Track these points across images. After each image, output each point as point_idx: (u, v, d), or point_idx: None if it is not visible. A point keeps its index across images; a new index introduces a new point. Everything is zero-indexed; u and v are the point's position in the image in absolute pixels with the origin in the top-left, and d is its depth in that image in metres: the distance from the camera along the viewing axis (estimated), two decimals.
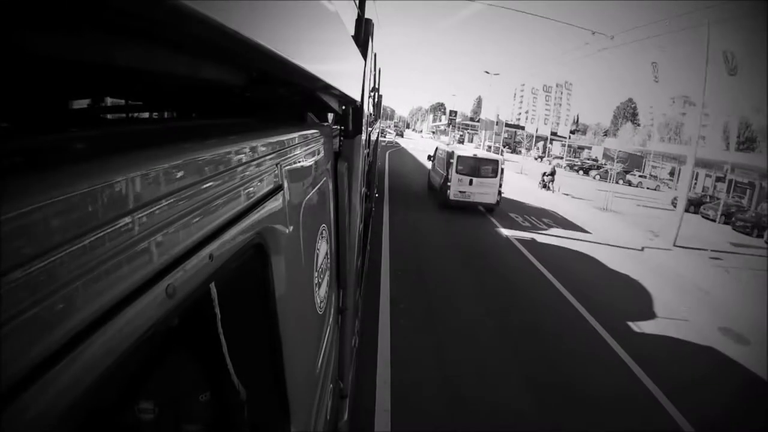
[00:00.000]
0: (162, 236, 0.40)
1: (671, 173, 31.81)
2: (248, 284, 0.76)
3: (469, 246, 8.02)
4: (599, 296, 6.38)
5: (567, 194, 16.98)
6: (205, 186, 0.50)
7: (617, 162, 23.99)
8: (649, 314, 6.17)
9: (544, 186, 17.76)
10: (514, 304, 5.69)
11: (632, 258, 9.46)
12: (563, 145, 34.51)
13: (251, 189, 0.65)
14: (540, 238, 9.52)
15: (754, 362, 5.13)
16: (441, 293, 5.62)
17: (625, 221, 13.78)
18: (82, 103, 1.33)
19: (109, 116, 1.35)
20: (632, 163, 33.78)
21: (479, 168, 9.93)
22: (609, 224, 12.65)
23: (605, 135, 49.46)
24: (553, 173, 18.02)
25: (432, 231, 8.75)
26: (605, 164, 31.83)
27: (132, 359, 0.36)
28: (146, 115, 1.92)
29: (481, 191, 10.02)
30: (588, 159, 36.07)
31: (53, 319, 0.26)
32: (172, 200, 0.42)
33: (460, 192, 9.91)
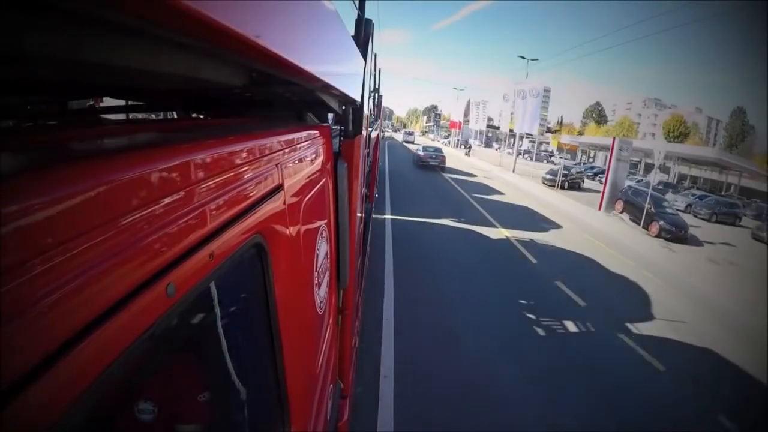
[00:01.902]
0: (162, 235, 0.40)
1: (593, 157, 46.54)
2: (248, 284, 0.76)
3: (401, 145, 40.08)
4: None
5: (480, 159, 30.95)
6: (205, 185, 0.50)
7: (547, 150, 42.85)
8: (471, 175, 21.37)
9: (466, 154, 34.51)
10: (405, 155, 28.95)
11: (481, 173, 23.33)
12: (531, 141, 47.16)
13: (251, 189, 0.65)
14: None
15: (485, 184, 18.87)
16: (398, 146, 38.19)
17: (499, 167, 26.17)
18: (82, 104, 1.33)
19: (108, 116, 1.35)
20: (571, 152, 47.71)
21: (410, 133, 51.44)
22: (485, 165, 25.42)
23: (580, 133, 62.25)
24: (469, 147, 36.80)
25: (398, 144, 40.60)
26: (550, 152, 46.08)
27: (132, 359, 0.36)
28: (146, 115, 1.92)
29: (410, 138, 47.48)
30: (544, 151, 47.98)
31: (53, 318, 0.26)
32: (171, 200, 0.42)
33: (405, 140, 46.36)
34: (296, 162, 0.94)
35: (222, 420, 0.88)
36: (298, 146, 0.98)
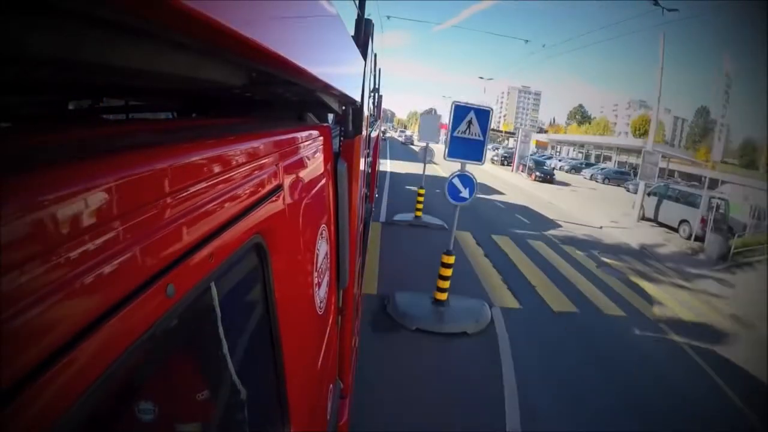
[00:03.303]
0: (161, 236, 0.39)
1: (559, 151, 53.63)
2: (248, 284, 0.76)
3: (397, 138, 53.84)
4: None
5: None
6: (204, 185, 0.50)
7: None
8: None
9: None
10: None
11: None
12: (515, 140, 60.55)
13: (251, 189, 0.65)
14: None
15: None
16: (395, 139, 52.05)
17: None
18: (82, 103, 1.33)
19: (109, 116, 1.35)
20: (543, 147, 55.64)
21: (403, 132, 58.05)
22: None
23: (565, 133, 71.42)
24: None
25: (395, 137, 53.55)
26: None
27: (132, 359, 0.36)
28: (146, 115, 1.92)
29: (403, 135, 49.13)
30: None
31: (52, 319, 0.26)
32: (171, 200, 0.42)
33: (399, 135, 50.62)
34: (296, 162, 0.94)
35: (222, 420, 0.88)
36: (298, 146, 0.98)
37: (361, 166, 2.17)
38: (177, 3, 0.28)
